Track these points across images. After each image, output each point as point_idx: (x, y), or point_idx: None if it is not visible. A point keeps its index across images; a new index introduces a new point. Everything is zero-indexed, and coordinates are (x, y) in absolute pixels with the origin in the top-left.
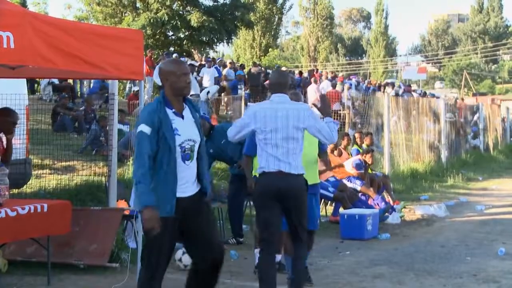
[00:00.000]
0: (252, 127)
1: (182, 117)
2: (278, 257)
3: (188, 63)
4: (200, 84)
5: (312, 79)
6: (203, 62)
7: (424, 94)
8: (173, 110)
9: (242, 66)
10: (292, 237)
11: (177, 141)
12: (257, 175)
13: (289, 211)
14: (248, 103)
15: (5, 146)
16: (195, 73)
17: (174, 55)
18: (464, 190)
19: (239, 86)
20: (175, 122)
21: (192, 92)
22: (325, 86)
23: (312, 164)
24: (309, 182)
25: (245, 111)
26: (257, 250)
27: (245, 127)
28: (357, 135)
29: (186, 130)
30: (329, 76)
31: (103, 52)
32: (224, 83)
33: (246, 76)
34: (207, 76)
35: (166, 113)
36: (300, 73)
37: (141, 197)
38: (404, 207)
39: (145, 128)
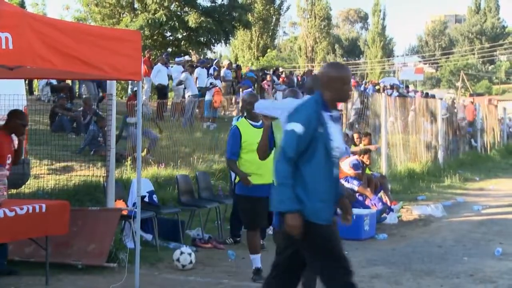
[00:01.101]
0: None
1: (334, 123)
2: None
3: (189, 64)
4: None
5: None
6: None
7: (426, 96)
8: (330, 114)
9: (239, 67)
10: None
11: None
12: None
13: None
14: None
15: (16, 147)
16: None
17: (186, 57)
18: (461, 190)
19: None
20: (330, 126)
21: (189, 93)
22: None
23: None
24: None
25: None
26: (252, 256)
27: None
28: (355, 135)
29: (337, 137)
30: None
31: (101, 53)
32: (222, 83)
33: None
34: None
35: (323, 116)
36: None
37: (285, 201)
38: (402, 207)
39: (298, 128)
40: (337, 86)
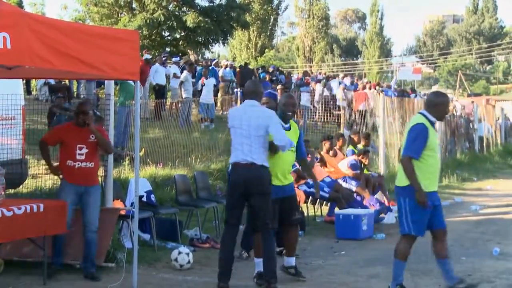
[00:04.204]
0: (229, 125)
1: None
2: (292, 261)
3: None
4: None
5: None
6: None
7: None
8: None
9: (240, 66)
10: (254, 221)
11: None
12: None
13: (252, 197)
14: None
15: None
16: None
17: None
18: (459, 190)
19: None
20: None
21: (184, 96)
22: (318, 88)
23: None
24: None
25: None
26: (257, 260)
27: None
28: (355, 136)
29: None
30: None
31: (99, 53)
32: (221, 83)
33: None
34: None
35: None
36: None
37: None
38: None
39: None
40: None
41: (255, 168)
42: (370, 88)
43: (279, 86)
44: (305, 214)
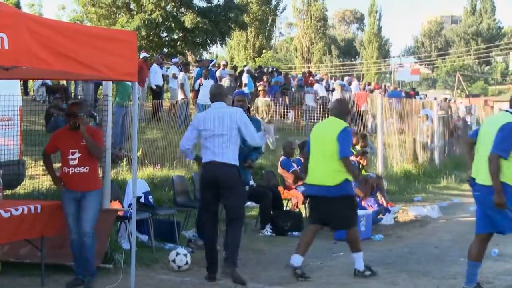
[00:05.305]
0: (197, 129)
1: None
2: (299, 261)
3: (184, 63)
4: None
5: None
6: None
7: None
8: None
9: (235, 68)
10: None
11: None
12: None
13: (222, 194)
14: None
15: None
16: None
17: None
18: (457, 191)
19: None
20: None
21: (181, 97)
22: (319, 89)
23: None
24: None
25: (194, 118)
26: (359, 254)
27: (193, 130)
28: (353, 137)
29: None
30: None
31: (97, 53)
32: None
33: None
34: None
35: None
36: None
37: None
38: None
39: None
40: None
41: (226, 166)
42: (372, 92)
43: (260, 88)
44: (303, 215)
